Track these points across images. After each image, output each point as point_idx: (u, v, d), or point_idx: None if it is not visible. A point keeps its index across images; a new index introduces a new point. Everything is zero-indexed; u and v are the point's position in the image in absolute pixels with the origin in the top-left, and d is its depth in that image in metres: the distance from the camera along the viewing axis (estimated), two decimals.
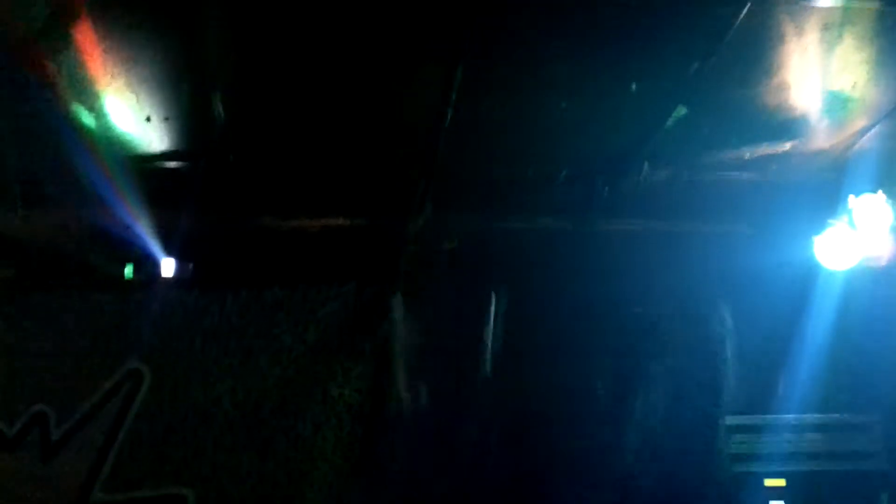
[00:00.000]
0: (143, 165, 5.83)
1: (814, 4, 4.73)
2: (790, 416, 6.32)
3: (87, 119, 5.52)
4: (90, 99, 5.32)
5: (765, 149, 5.94)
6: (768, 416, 6.33)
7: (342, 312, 6.20)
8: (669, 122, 5.55)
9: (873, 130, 5.87)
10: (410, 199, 6.09)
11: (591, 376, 6.34)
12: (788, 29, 4.90)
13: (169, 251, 6.17)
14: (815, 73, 5.32)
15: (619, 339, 6.37)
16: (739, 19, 4.73)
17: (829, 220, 6.25)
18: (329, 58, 4.93)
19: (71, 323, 6.15)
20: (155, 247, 6.12)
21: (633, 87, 5.33)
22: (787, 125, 5.73)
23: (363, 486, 6.04)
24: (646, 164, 5.93)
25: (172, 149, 5.76)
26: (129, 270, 6.25)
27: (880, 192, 6.12)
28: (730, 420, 6.26)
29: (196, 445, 6.05)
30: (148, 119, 5.49)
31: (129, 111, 5.42)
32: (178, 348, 6.14)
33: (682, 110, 5.51)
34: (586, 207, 6.18)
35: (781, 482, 6.18)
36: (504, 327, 6.34)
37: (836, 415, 6.34)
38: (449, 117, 5.29)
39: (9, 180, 5.83)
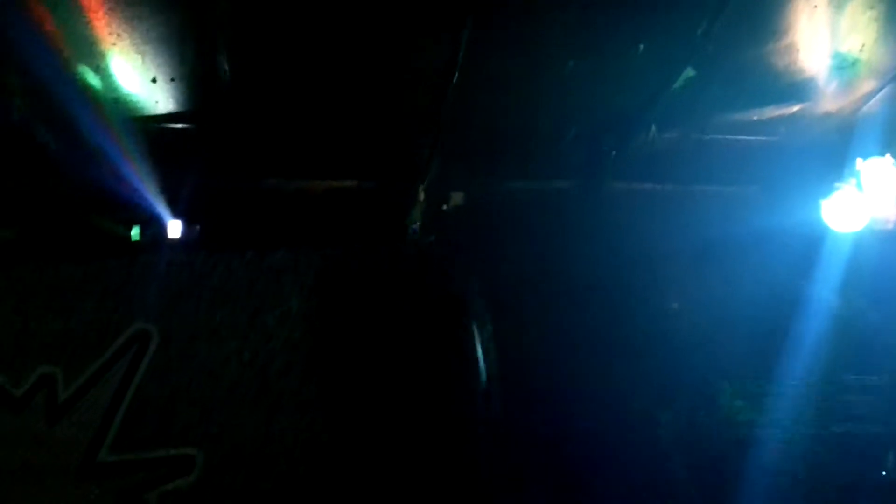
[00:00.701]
0: (149, 126, 5.83)
1: None
2: (796, 378, 6.31)
3: (93, 79, 5.50)
4: (95, 59, 5.31)
5: (773, 111, 5.93)
6: (774, 378, 6.32)
7: (348, 275, 6.17)
8: (677, 83, 5.53)
9: (881, 93, 5.86)
10: (417, 160, 6.09)
11: (596, 334, 6.35)
12: None
13: (175, 213, 6.17)
14: (824, 34, 5.30)
15: (625, 298, 6.38)
16: None
17: (837, 183, 6.25)
18: (336, 16, 4.91)
19: (77, 284, 6.14)
20: (161, 208, 6.12)
21: (641, 47, 5.32)
22: (795, 87, 5.72)
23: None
24: (653, 126, 5.92)
25: (178, 110, 5.75)
26: (135, 232, 6.26)
27: (888, 155, 6.10)
28: (735, 383, 6.26)
29: (204, 406, 6.04)
30: (154, 80, 5.48)
31: (134, 72, 5.41)
32: (185, 309, 6.12)
33: (690, 72, 5.49)
34: (594, 168, 6.17)
35: (787, 444, 6.18)
36: (510, 286, 6.34)
37: (843, 376, 6.34)
38: (456, 76, 5.28)
39: (14, 140, 5.81)
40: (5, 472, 6.00)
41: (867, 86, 5.79)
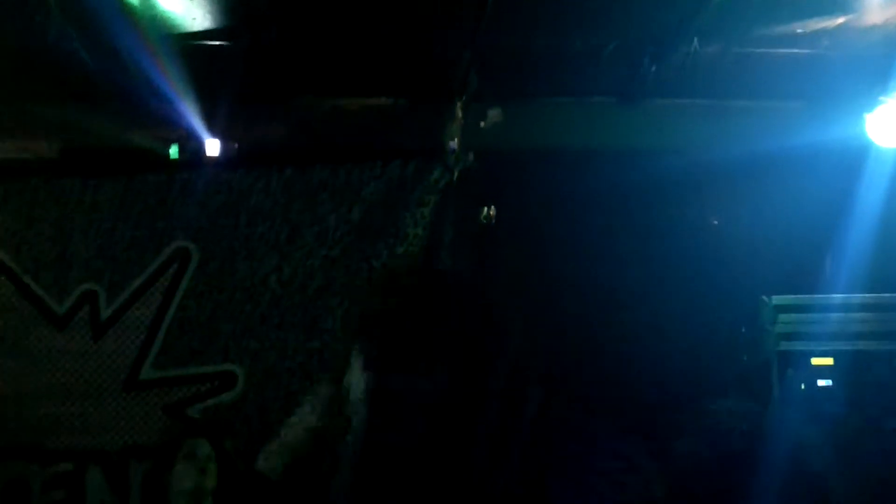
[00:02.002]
0: (186, 44, 5.81)
1: None
2: (838, 294, 6.26)
3: None
4: None
5: (816, 23, 5.80)
6: (816, 295, 6.27)
7: (386, 192, 6.15)
8: None
9: None
10: (454, 76, 6.03)
11: (633, 252, 6.33)
12: None
13: (213, 131, 6.16)
14: None
15: (664, 215, 6.34)
16: None
17: (881, 97, 6.16)
18: None
19: (117, 203, 6.17)
20: (199, 126, 6.12)
21: None
22: None
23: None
24: (695, 39, 5.82)
25: (216, 26, 5.72)
26: (174, 150, 6.27)
27: None
28: (777, 299, 6.21)
29: (244, 323, 6.10)
30: None
31: None
32: (224, 226, 6.15)
33: None
34: (633, 84, 6.09)
35: (829, 361, 6.14)
36: (547, 203, 6.31)
37: (885, 294, 6.27)
38: None
39: (53, 59, 5.80)
40: (53, 386, 6.12)
41: None
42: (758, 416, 5.92)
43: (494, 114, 6.31)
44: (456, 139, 6.23)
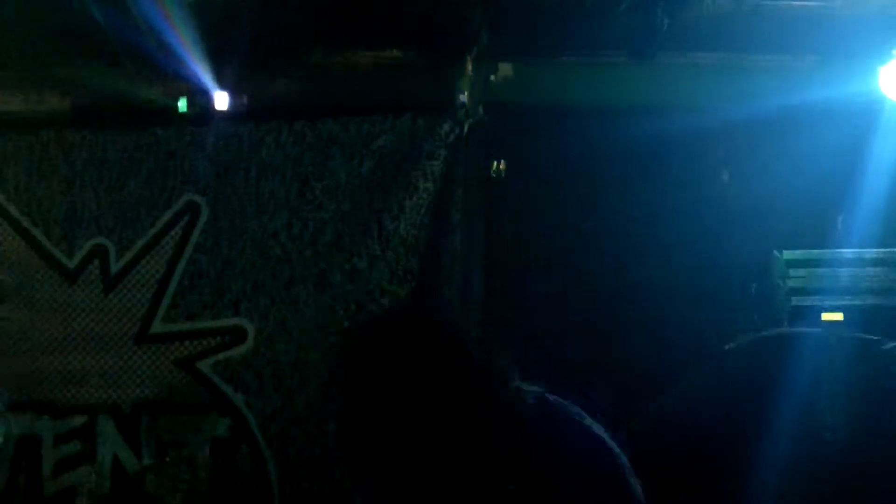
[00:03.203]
0: None
1: None
2: (849, 250, 6.24)
3: None
4: None
5: None
6: (827, 251, 6.25)
7: (396, 145, 6.14)
8: None
9: None
10: (465, 31, 5.98)
11: (643, 206, 6.31)
12: None
13: (222, 84, 6.13)
14: None
15: (674, 171, 6.31)
16: None
17: (895, 51, 6.10)
18: None
19: (127, 157, 6.16)
20: (208, 80, 6.08)
21: None
22: None
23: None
24: None
25: None
26: (182, 104, 6.23)
27: None
28: (787, 254, 6.20)
29: (254, 278, 6.10)
30: None
31: None
32: (234, 181, 6.14)
33: None
34: (645, 40, 6.02)
35: (839, 316, 6.12)
36: (558, 160, 6.29)
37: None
38: None
39: (63, 13, 5.77)
40: (64, 340, 6.14)
41: None
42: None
43: (505, 69, 6.27)
44: (466, 93, 6.20)
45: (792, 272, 6.18)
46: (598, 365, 6.11)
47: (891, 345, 3.25)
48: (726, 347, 3.33)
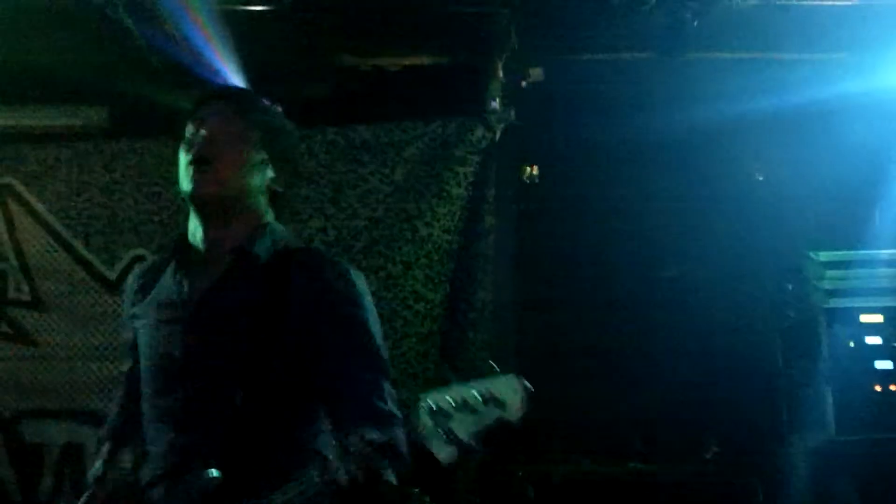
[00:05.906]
0: (227, 8, 5.86)
1: None
2: (887, 251, 6.15)
3: None
4: None
5: None
6: (864, 251, 6.17)
7: (428, 152, 6.18)
8: None
9: None
10: (495, 34, 6.03)
11: (674, 206, 6.31)
12: None
13: (255, 92, 6.19)
14: None
15: (706, 169, 6.31)
16: None
17: None
18: None
19: (165, 166, 6.24)
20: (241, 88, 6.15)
21: None
22: None
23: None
24: None
25: None
26: None
27: None
28: (825, 255, 6.12)
29: None
30: None
31: None
32: None
33: None
34: (674, 39, 6.02)
35: (878, 318, 6.02)
36: (589, 159, 6.31)
37: None
38: None
39: (99, 25, 5.88)
40: (105, 349, 6.22)
41: None
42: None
43: (535, 72, 6.30)
44: (497, 98, 6.23)
45: (828, 273, 6.07)
46: (630, 368, 6.13)
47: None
48: None
